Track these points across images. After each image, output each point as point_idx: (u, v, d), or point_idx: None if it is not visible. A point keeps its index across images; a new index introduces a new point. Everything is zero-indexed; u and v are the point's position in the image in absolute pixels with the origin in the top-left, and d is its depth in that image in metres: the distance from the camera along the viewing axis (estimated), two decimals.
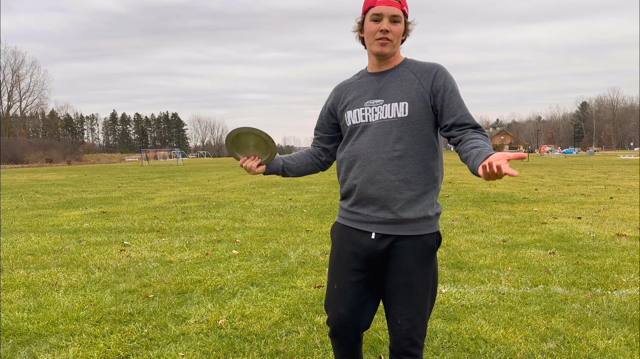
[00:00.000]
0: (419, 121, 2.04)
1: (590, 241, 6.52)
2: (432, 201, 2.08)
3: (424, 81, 2.06)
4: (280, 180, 20.57)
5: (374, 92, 2.10)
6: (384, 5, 2.03)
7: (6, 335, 3.54)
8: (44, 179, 26.12)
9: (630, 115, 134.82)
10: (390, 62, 2.13)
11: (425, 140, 2.06)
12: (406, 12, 2.08)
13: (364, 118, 2.09)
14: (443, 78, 2.06)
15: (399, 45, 2.12)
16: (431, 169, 2.07)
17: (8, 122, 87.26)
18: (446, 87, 2.05)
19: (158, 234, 7.64)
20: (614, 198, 11.59)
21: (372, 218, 2.08)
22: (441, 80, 2.05)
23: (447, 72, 2.08)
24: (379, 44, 2.05)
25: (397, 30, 2.06)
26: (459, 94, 2.08)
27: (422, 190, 2.05)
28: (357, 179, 2.09)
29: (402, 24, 2.07)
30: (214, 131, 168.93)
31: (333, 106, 2.24)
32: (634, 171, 23.08)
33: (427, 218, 2.07)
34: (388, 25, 2.04)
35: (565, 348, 3.20)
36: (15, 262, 5.86)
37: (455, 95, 2.06)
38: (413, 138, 2.04)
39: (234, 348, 3.29)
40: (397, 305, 2.06)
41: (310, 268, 5.32)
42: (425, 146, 2.07)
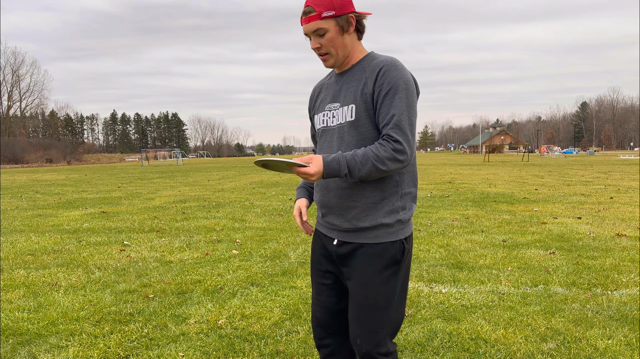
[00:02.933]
0: (365, 124, 1.90)
1: (590, 241, 6.52)
2: (393, 208, 1.93)
3: (370, 80, 1.89)
4: (280, 180, 20.57)
5: (333, 95, 2.01)
6: (303, 25, 1.92)
7: (6, 335, 3.54)
8: (44, 179, 26.12)
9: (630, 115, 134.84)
10: (347, 62, 2.00)
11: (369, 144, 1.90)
12: (329, 14, 1.87)
13: (324, 123, 2.02)
14: (385, 78, 1.85)
15: (349, 44, 1.95)
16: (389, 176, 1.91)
17: (8, 122, 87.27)
18: (384, 88, 1.85)
19: (158, 234, 7.64)
20: (614, 198, 11.59)
21: (333, 226, 2.01)
22: (383, 80, 1.85)
23: (393, 69, 1.85)
24: (322, 60, 1.98)
25: (327, 41, 1.91)
26: (401, 97, 1.83)
27: (380, 196, 1.91)
28: (318, 186, 2.03)
29: (331, 30, 1.89)
30: (213, 131, 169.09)
31: (310, 109, 2.19)
32: (634, 171, 23.09)
33: (386, 226, 1.92)
34: (316, 42, 1.92)
35: (566, 348, 3.20)
36: (15, 262, 5.86)
37: (391, 98, 1.84)
38: (362, 143, 1.90)
39: (234, 348, 3.29)
40: (352, 318, 1.96)
41: (310, 268, 5.32)
42: None
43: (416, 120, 1.88)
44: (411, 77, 1.90)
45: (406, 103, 1.83)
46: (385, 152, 1.79)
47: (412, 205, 2.00)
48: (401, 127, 1.81)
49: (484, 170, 26.48)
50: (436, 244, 6.44)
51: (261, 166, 1.90)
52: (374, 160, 1.79)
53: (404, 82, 1.84)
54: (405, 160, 1.82)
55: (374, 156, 1.79)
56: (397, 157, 1.80)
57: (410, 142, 1.82)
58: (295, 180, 20.29)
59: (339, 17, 1.89)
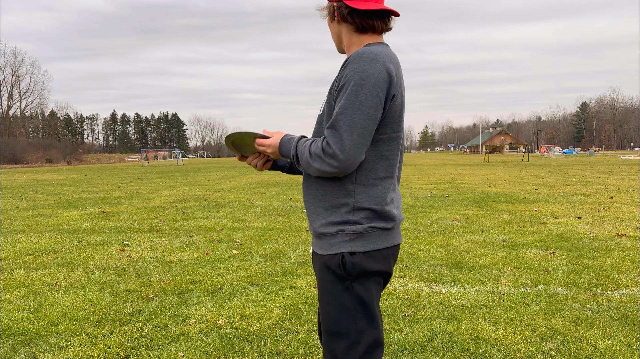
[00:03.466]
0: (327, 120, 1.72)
1: (590, 241, 6.52)
2: (340, 220, 1.71)
3: (338, 75, 1.71)
4: (280, 179, 20.56)
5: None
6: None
7: (6, 335, 3.54)
8: (44, 179, 26.12)
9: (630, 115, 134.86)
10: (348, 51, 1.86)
11: None
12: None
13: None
14: (344, 72, 1.64)
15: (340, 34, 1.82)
16: (341, 180, 1.70)
17: (8, 122, 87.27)
18: (342, 80, 1.64)
19: (158, 234, 7.64)
20: (614, 198, 11.58)
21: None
22: (342, 74, 1.65)
23: (353, 62, 1.62)
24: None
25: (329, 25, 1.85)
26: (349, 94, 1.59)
27: (328, 203, 1.72)
28: None
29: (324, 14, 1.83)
30: (213, 131, 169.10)
31: None
32: (634, 171, 23.08)
33: (329, 235, 1.72)
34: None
35: (566, 348, 3.20)
36: (15, 262, 5.86)
37: (341, 95, 1.62)
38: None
39: (234, 348, 3.29)
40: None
41: (310, 268, 5.32)
42: None
43: (369, 121, 1.60)
44: (378, 70, 1.60)
45: (352, 101, 1.58)
46: (316, 148, 1.63)
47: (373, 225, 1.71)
48: (336, 127, 1.59)
49: (484, 170, 26.48)
50: (436, 244, 6.44)
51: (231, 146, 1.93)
52: (308, 151, 1.65)
53: (360, 77, 1.59)
54: (336, 166, 1.59)
55: (309, 147, 1.66)
56: (324, 158, 1.60)
57: (345, 146, 1.57)
58: (295, 180, 20.28)
59: (330, 2, 1.79)
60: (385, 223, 1.73)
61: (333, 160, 1.59)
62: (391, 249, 1.78)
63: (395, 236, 1.79)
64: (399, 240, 1.83)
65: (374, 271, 1.72)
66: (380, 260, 1.74)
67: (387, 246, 1.75)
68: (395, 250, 1.81)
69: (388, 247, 1.75)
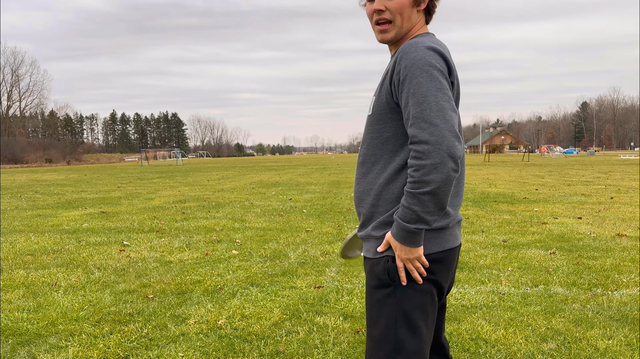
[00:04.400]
0: (380, 120, 1.62)
1: (590, 241, 6.51)
2: (388, 220, 1.63)
3: (391, 68, 1.58)
4: (280, 179, 20.56)
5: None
6: None
7: (6, 335, 3.54)
8: (44, 179, 26.11)
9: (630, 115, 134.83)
10: (398, 45, 1.69)
11: (390, 145, 1.62)
12: None
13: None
14: (402, 63, 1.53)
15: (415, 22, 1.66)
16: (394, 182, 1.62)
17: (8, 122, 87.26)
18: (401, 74, 1.53)
19: (158, 234, 7.63)
20: (614, 198, 11.58)
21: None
22: (400, 65, 1.54)
23: (409, 53, 1.52)
24: (378, 30, 1.66)
25: (396, 5, 1.61)
26: (415, 83, 1.49)
27: (384, 207, 1.65)
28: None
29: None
30: (213, 131, 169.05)
31: None
32: (635, 171, 23.08)
33: (374, 238, 1.66)
34: (381, 2, 1.61)
35: (566, 348, 3.19)
36: (15, 262, 5.85)
37: (406, 86, 1.51)
38: (375, 141, 1.65)
39: (233, 348, 3.28)
40: None
41: (310, 268, 5.31)
42: (390, 152, 1.62)
43: (450, 104, 1.49)
44: (432, 53, 1.53)
45: (427, 87, 1.48)
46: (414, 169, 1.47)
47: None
48: (423, 118, 1.46)
49: (485, 170, 26.47)
50: None
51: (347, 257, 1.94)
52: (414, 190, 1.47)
53: (425, 64, 1.49)
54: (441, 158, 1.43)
55: (410, 186, 1.49)
56: (425, 162, 1.44)
57: (441, 129, 1.44)
58: (295, 180, 20.29)
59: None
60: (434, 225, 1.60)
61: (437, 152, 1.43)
62: (444, 253, 1.64)
63: (448, 239, 1.65)
64: (454, 243, 1.68)
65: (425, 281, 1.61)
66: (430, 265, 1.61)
67: (438, 251, 1.63)
68: (449, 254, 1.66)
69: (439, 251, 1.63)
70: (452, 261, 1.69)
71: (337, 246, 6.39)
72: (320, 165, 38.98)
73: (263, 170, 32.65)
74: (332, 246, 6.40)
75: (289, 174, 25.46)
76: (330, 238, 7.03)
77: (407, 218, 1.51)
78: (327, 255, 5.94)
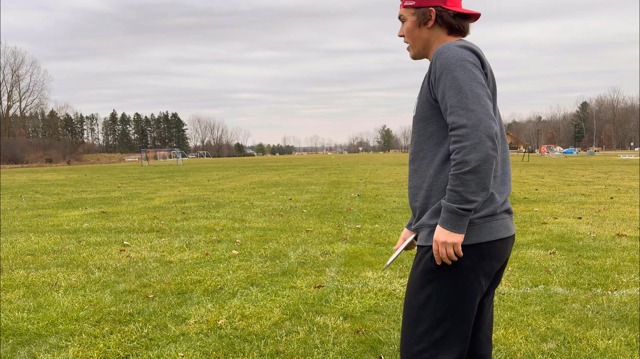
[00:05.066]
0: (424, 118, 1.78)
1: (590, 241, 6.51)
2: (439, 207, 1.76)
3: (428, 70, 1.78)
4: (280, 179, 20.56)
5: None
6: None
7: (6, 335, 3.54)
8: (44, 179, 26.12)
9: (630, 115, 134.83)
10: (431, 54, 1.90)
11: (434, 139, 1.77)
12: (410, 3, 1.85)
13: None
14: (437, 62, 1.70)
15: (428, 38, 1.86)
16: (442, 171, 1.75)
17: (8, 122, 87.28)
18: (437, 72, 1.69)
19: (158, 234, 7.64)
20: (614, 198, 11.58)
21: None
22: (435, 65, 1.71)
23: (442, 52, 1.70)
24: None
25: (406, 30, 1.87)
26: (451, 77, 1.64)
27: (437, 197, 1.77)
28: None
29: (409, 20, 1.86)
30: (213, 131, 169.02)
31: None
32: (634, 171, 23.08)
33: (427, 226, 1.78)
34: (401, 29, 1.93)
35: (566, 348, 3.20)
36: (15, 262, 5.85)
37: (442, 81, 1.67)
38: (421, 138, 1.80)
39: (234, 348, 3.28)
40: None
41: (310, 268, 5.32)
42: (435, 145, 1.77)
43: (484, 91, 1.63)
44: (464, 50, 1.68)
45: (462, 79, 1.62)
46: (455, 152, 1.61)
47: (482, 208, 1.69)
48: (460, 106, 1.60)
49: None
50: None
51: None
52: (457, 171, 1.60)
53: (457, 60, 1.65)
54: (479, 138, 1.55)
55: (453, 169, 1.61)
56: (464, 143, 1.57)
57: (477, 113, 1.57)
58: (295, 180, 20.30)
59: (418, 8, 1.83)
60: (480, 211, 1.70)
61: (476, 133, 1.56)
62: (493, 243, 1.72)
63: (499, 229, 1.73)
64: (505, 234, 1.75)
65: (465, 265, 1.70)
66: (473, 255, 1.70)
67: (487, 240, 1.71)
68: (499, 244, 1.73)
69: (489, 241, 1.71)
70: (502, 252, 1.77)
71: (337, 246, 6.40)
72: (320, 165, 38.99)
73: (263, 170, 32.66)
74: (332, 246, 6.41)
75: (289, 174, 25.47)
76: (330, 238, 7.04)
77: (452, 199, 1.63)
78: (327, 254, 5.95)
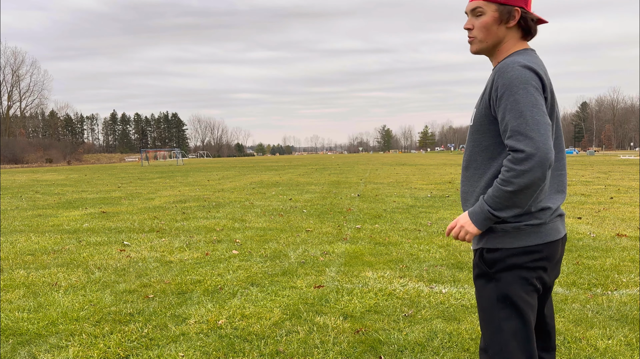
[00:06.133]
0: (480, 130, 1.85)
1: (590, 241, 6.51)
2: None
3: (489, 84, 1.81)
4: (280, 180, 20.56)
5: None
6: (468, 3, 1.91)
7: (6, 335, 3.54)
8: (44, 179, 26.12)
9: (630, 115, 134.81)
10: (495, 60, 1.92)
11: (488, 153, 1.85)
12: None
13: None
14: (498, 83, 1.74)
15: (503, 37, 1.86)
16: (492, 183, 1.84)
17: (8, 122, 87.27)
18: (499, 91, 1.73)
19: (158, 234, 7.64)
20: (614, 198, 11.58)
21: None
22: (498, 83, 1.75)
23: (504, 72, 1.73)
24: (468, 42, 1.92)
25: (480, 24, 1.85)
26: (513, 100, 1.68)
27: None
28: None
29: (488, 14, 1.83)
30: (213, 131, 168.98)
31: None
32: (634, 171, 23.08)
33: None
34: (470, 21, 1.89)
35: (566, 348, 3.20)
36: (15, 262, 5.86)
37: (503, 102, 1.71)
38: (476, 149, 1.88)
39: (234, 348, 3.29)
40: None
41: (310, 268, 5.32)
42: (489, 159, 1.85)
43: (545, 118, 1.68)
44: (527, 71, 1.72)
45: (524, 103, 1.67)
46: (506, 169, 1.69)
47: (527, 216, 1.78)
48: (520, 131, 1.65)
49: None
50: (436, 244, 6.44)
51: None
52: (500, 186, 1.70)
53: (520, 82, 1.69)
54: (535, 167, 1.63)
55: (499, 181, 1.71)
56: (517, 167, 1.65)
57: (536, 142, 1.63)
58: (295, 180, 20.30)
59: (503, 5, 1.82)
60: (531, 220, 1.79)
61: (530, 161, 1.63)
62: (544, 245, 1.81)
63: (549, 232, 1.82)
64: (555, 236, 1.84)
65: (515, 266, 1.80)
66: (525, 256, 1.79)
67: (538, 243, 1.80)
68: (550, 246, 1.83)
69: (538, 244, 1.80)
70: (554, 252, 1.87)
71: (337, 246, 6.40)
72: (320, 165, 38.99)
73: (263, 170, 32.66)
74: (332, 246, 6.41)
75: (289, 174, 25.47)
76: (330, 238, 7.04)
77: (489, 201, 1.75)
78: (327, 254, 5.95)
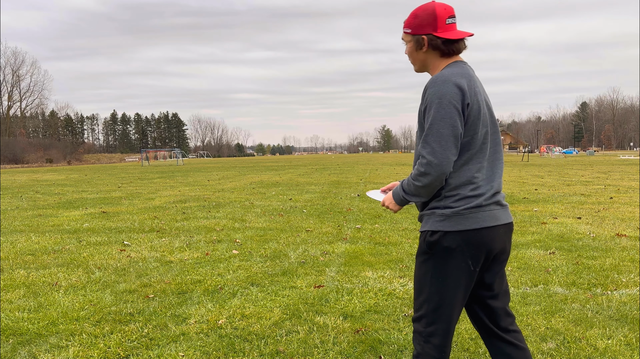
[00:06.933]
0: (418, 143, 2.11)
1: (590, 241, 6.52)
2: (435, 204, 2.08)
3: (422, 98, 2.09)
4: (280, 180, 20.57)
5: None
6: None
7: (6, 335, 3.55)
8: (44, 179, 26.12)
9: (630, 115, 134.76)
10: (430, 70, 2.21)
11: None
12: (407, 31, 2.14)
13: None
14: (427, 95, 2.02)
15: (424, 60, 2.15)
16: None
17: (8, 122, 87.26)
18: (424, 105, 2.03)
19: (158, 234, 7.64)
20: (613, 198, 11.58)
21: None
22: (425, 97, 2.04)
23: (429, 87, 2.01)
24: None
25: (406, 51, 2.18)
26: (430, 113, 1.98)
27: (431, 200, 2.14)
28: None
29: (408, 44, 2.16)
30: (214, 131, 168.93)
31: None
32: (634, 171, 23.08)
33: (424, 216, 2.15)
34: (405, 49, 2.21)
35: (565, 348, 3.20)
36: (16, 262, 5.86)
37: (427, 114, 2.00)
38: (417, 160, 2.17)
39: (234, 348, 3.29)
40: None
41: (310, 268, 5.32)
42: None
43: (449, 129, 1.95)
44: (446, 86, 1.96)
45: (435, 117, 1.95)
46: (414, 171, 2.03)
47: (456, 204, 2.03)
48: (427, 141, 1.97)
49: None
50: None
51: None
52: (411, 179, 2.04)
53: (437, 97, 1.96)
54: (432, 172, 1.95)
55: (411, 175, 2.05)
56: (422, 170, 1.97)
57: (435, 151, 1.94)
58: (295, 180, 20.30)
59: (413, 35, 2.13)
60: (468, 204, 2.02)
61: (429, 167, 1.95)
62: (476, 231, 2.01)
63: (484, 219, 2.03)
64: (489, 223, 2.04)
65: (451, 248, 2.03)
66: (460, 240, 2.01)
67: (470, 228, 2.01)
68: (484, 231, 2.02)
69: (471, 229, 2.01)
70: (490, 239, 2.05)
71: (337, 246, 6.40)
72: (320, 165, 38.99)
73: (263, 170, 32.66)
74: (332, 246, 6.41)
75: (289, 174, 25.47)
76: (330, 238, 7.04)
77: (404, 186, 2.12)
78: (327, 254, 5.95)
